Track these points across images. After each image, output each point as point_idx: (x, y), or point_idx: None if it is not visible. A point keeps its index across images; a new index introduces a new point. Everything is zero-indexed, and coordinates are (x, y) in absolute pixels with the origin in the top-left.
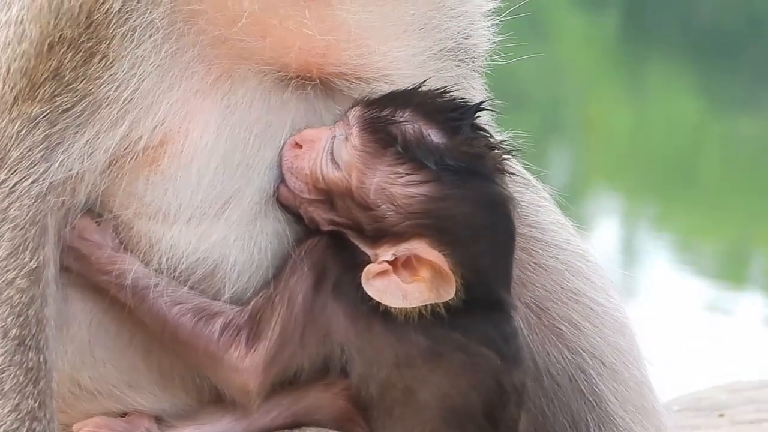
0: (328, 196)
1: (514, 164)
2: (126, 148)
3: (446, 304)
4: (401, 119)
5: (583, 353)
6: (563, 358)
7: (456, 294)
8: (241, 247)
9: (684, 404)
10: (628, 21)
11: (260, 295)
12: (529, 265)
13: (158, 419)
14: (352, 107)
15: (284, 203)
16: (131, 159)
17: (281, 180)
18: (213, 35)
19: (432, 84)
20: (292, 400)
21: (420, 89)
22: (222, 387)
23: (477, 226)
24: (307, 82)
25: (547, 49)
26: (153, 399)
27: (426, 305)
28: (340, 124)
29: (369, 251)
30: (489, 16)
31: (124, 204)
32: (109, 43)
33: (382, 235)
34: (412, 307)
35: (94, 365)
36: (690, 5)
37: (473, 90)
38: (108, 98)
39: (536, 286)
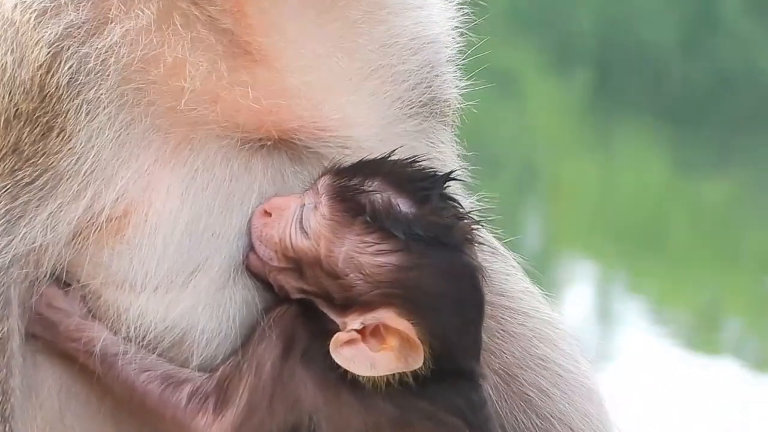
0: (297, 264)
1: (482, 233)
2: (89, 219)
3: (414, 373)
4: (370, 188)
5: (552, 419)
6: (532, 424)
7: (424, 363)
8: (210, 315)
9: None
10: (597, 83)
11: (228, 362)
12: (498, 332)
13: None
14: (322, 176)
15: (253, 271)
16: (95, 230)
17: (250, 248)
18: (164, 107)
19: (401, 152)
20: None
21: (389, 158)
22: None
23: (445, 295)
24: (268, 144)
25: (517, 111)
26: None
27: (394, 374)
28: (310, 192)
29: (338, 319)
30: (454, 64)
31: (91, 274)
32: (65, 117)
33: (350, 304)
34: (381, 376)
35: None
36: (660, 68)
37: (442, 145)
38: (68, 171)
39: (505, 354)
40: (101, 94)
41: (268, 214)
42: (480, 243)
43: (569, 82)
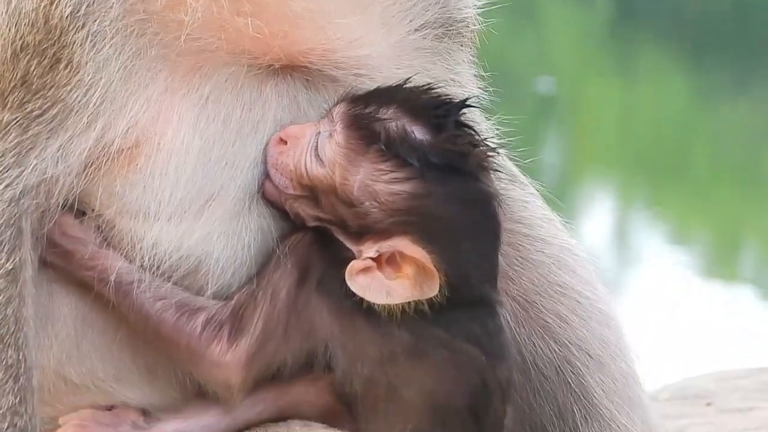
0: (312, 192)
1: (500, 160)
2: (101, 150)
3: (430, 301)
4: (385, 116)
5: (570, 345)
6: (550, 350)
7: (440, 291)
8: (225, 243)
9: (671, 393)
10: (618, 11)
11: (243, 290)
12: (516, 259)
13: (145, 412)
14: (337, 103)
15: (269, 199)
16: (107, 161)
17: (266, 176)
18: (169, 36)
19: (416, 75)
20: (277, 395)
21: (405, 86)
22: (204, 382)
23: (461, 223)
24: (280, 70)
25: (538, 39)
26: (140, 393)
27: (409, 302)
28: (325, 120)
29: (353, 247)
30: None
31: (105, 203)
32: (71, 49)
33: (366, 232)
34: (396, 304)
35: (80, 360)
36: None
37: (458, 67)
38: (78, 103)
39: (523, 280)
40: (106, 26)
41: (283, 142)
42: (496, 170)
43: (590, 8)
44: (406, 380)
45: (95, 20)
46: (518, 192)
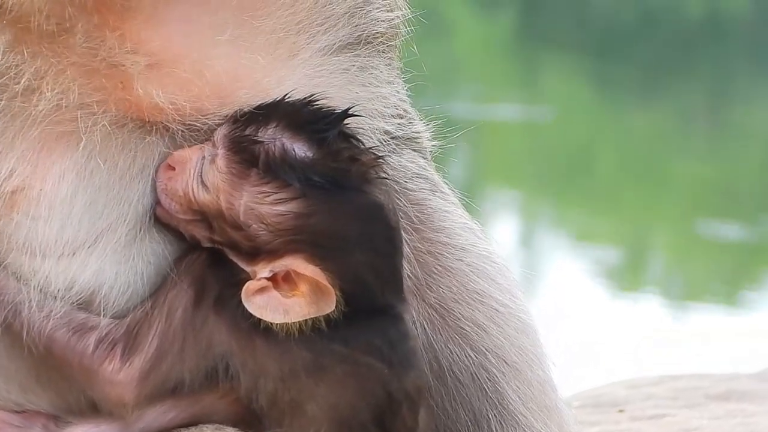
0: (203, 216)
1: (423, 168)
2: None
3: (327, 317)
4: (264, 137)
5: (487, 353)
6: (466, 357)
7: (337, 306)
8: (117, 272)
9: (583, 400)
10: (523, 20)
11: (138, 309)
12: (435, 268)
13: (56, 417)
14: (221, 125)
15: (163, 222)
16: None
17: (157, 201)
18: (37, 109)
19: (298, 93)
20: (189, 403)
21: (284, 101)
22: (98, 400)
23: (351, 237)
24: (161, 127)
25: (445, 47)
26: (47, 401)
27: (307, 320)
28: (209, 143)
29: (248, 269)
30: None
31: None
32: None
33: (258, 253)
34: (293, 322)
35: None
36: (584, 3)
37: (381, 82)
38: None
39: (441, 288)
40: None
41: (172, 168)
42: (383, 178)
43: (495, 19)
44: (309, 396)
45: None
46: (439, 201)
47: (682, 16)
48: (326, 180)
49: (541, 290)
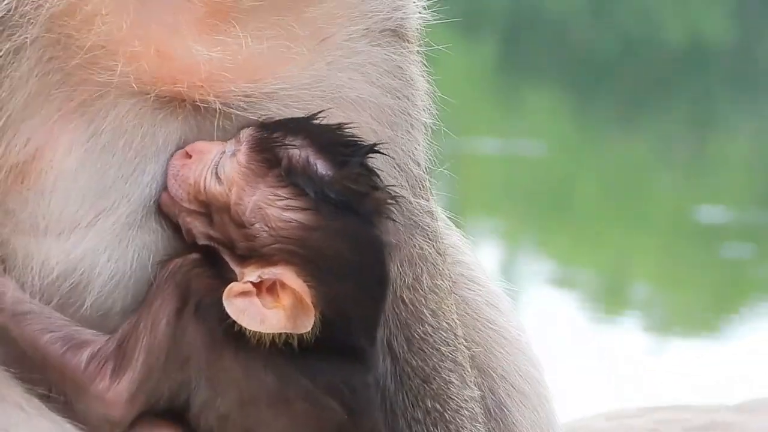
0: (207, 209)
1: (433, 209)
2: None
3: (300, 340)
4: (291, 144)
5: (494, 375)
6: (475, 377)
7: (313, 329)
8: (109, 256)
9: None
10: (504, 50)
11: (128, 321)
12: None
13: None
14: (247, 127)
15: (165, 210)
16: (3, 177)
17: (165, 187)
18: (76, 61)
19: (329, 115)
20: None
21: (316, 120)
22: (84, 416)
23: (347, 263)
24: (194, 107)
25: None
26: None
27: (281, 335)
28: (233, 141)
29: (237, 269)
30: None
31: (2, 222)
32: None
33: (252, 256)
34: (267, 334)
35: None
36: (563, 32)
37: (408, 74)
38: None
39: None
40: (27, 41)
41: (188, 155)
42: (392, 219)
43: (477, 48)
44: (264, 426)
45: (22, 34)
46: (454, 238)
47: (664, 45)
48: (341, 199)
49: (523, 318)
